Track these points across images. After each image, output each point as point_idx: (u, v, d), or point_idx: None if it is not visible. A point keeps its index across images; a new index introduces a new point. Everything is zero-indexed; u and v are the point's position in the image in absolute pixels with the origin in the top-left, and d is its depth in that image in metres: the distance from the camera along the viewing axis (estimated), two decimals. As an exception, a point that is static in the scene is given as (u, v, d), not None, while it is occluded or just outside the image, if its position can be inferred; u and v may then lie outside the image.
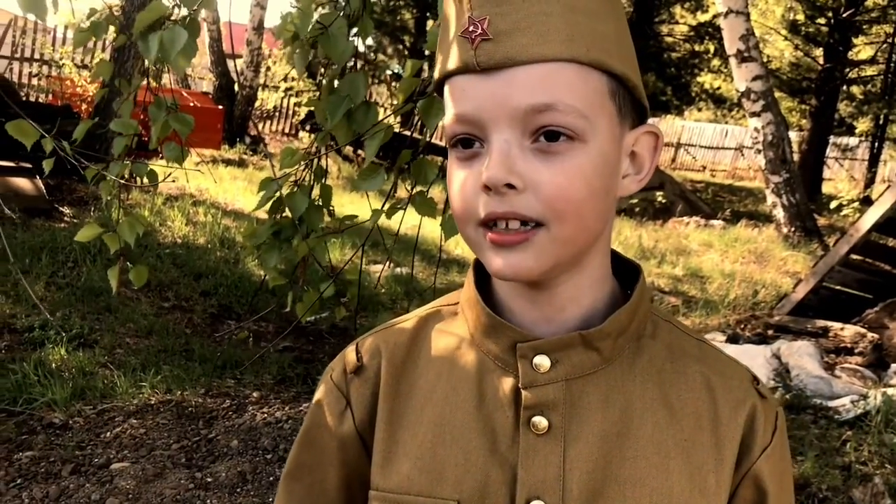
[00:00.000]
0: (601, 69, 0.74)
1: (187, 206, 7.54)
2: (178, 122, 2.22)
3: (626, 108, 0.78)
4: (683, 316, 6.16)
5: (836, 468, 3.75)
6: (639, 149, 0.81)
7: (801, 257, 9.11)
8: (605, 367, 0.80)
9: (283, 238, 2.36)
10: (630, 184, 0.81)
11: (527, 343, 0.80)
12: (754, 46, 9.92)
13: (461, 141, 0.76)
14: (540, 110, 0.71)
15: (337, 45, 1.96)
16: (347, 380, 0.88)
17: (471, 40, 0.73)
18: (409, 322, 0.91)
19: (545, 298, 0.81)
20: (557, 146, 0.72)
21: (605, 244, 0.83)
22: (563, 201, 0.73)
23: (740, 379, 0.84)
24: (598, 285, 0.83)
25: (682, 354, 0.84)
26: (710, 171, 22.65)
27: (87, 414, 3.51)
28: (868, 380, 4.81)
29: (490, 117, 0.73)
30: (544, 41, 0.71)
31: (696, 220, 11.35)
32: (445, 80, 0.78)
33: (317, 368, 4.25)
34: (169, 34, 1.85)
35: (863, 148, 21.01)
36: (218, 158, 12.14)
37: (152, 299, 5.15)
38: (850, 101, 18.69)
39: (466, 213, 0.76)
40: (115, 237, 2.37)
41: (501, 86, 0.72)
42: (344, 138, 2.08)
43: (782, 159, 10.03)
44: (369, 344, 0.89)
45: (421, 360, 0.87)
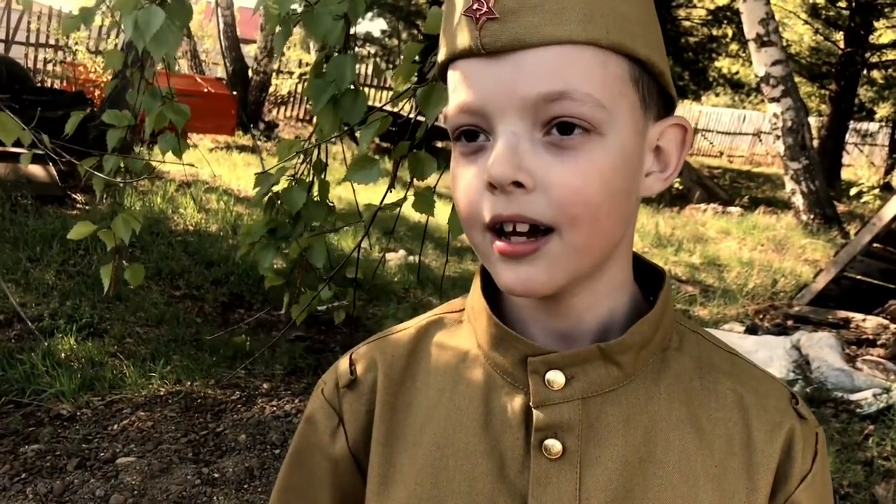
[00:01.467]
0: (622, 53, 0.65)
1: (200, 193, 7.49)
2: (174, 112, 2.12)
3: (650, 98, 0.69)
4: (701, 305, 6.06)
5: (858, 464, 3.67)
6: (664, 143, 0.72)
7: (821, 245, 8.97)
8: (627, 383, 0.72)
9: (279, 236, 2.26)
10: (654, 183, 0.72)
11: (539, 357, 0.71)
12: (774, 31, 9.75)
13: (465, 133, 0.67)
14: (552, 99, 0.63)
15: (321, 25, 1.84)
16: (340, 395, 0.80)
17: (475, 20, 0.64)
18: (408, 331, 0.82)
19: (560, 308, 0.72)
20: (572, 140, 0.64)
21: (627, 248, 0.74)
22: (578, 205, 0.64)
23: (777, 398, 0.75)
24: (617, 293, 0.74)
25: (712, 369, 0.75)
26: (728, 156, 22.43)
27: (96, 405, 3.47)
28: (891, 372, 4.71)
29: (496, 107, 0.64)
30: (558, 21, 0.62)
31: (713, 207, 11.21)
32: (448, 64, 0.69)
33: (328, 359, 4.19)
34: (144, 15, 1.72)
35: (883, 133, 20.74)
36: (232, 144, 12.10)
37: (163, 288, 5.10)
38: (871, 85, 18.40)
39: (471, 215, 0.68)
40: (110, 234, 2.28)
41: (509, 71, 0.63)
42: (330, 127, 1.98)
43: (802, 145, 9.87)
44: (364, 355, 0.81)
45: (421, 373, 0.78)
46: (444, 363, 0.78)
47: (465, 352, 0.77)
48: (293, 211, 2.21)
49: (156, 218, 6.42)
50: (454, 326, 0.80)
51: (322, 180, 2.32)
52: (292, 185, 2.23)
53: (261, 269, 2.35)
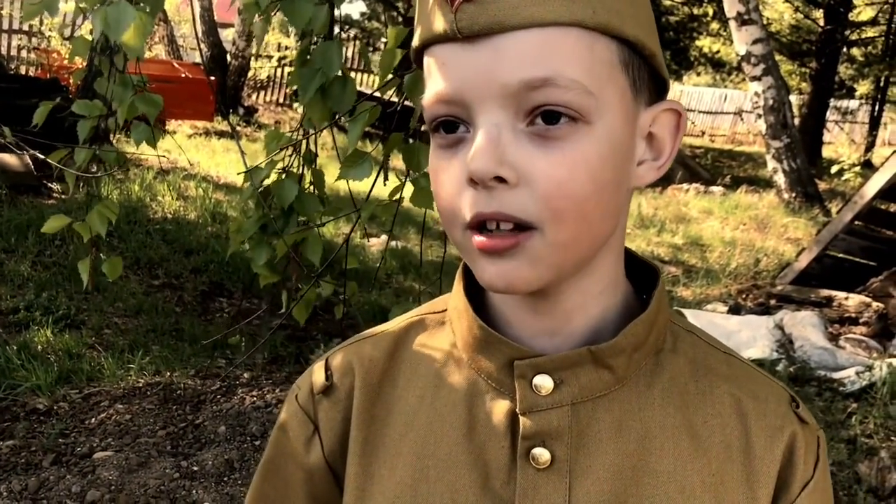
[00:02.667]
0: (610, 34, 0.60)
1: (178, 181, 7.40)
2: (145, 103, 2.05)
3: (641, 82, 0.64)
4: (684, 286, 6.06)
5: (842, 442, 3.68)
6: (657, 129, 0.67)
7: (803, 223, 9.00)
8: (619, 387, 0.68)
9: (270, 232, 2.19)
10: (647, 172, 0.67)
11: (526, 360, 0.67)
12: (754, 9, 9.72)
13: (443, 124, 0.62)
14: (535, 86, 0.58)
15: (301, 12, 1.78)
16: (315, 401, 0.75)
17: (450, 2, 0.59)
18: (386, 333, 0.77)
19: (547, 307, 0.68)
20: (557, 130, 0.59)
21: (618, 243, 0.70)
22: (563, 198, 0.59)
23: (777, 401, 0.70)
24: (609, 291, 0.70)
25: (708, 372, 0.71)
26: (710, 136, 22.46)
27: (73, 399, 3.42)
28: (873, 350, 4.73)
29: (476, 96, 0.59)
30: (540, 0, 0.57)
31: (695, 187, 11.21)
32: (423, 50, 0.64)
33: (309, 347, 4.15)
34: (113, 10, 1.65)
35: (863, 111, 20.82)
36: (211, 130, 11.98)
37: (141, 277, 5.04)
38: (851, 63, 18.44)
39: (452, 212, 0.63)
40: (86, 226, 2.20)
41: (488, 57, 0.59)
42: (319, 117, 1.91)
43: (783, 124, 9.88)
44: (340, 359, 0.76)
45: (401, 379, 0.74)
46: (425, 367, 0.73)
47: (447, 355, 0.73)
48: (285, 205, 2.13)
49: (133, 206, 6.33)
50: (436, 328, 0.76)
51: (315, 170, 2.25)
52: (282, 177, 2.15)
53: (254, 266, 2.28)
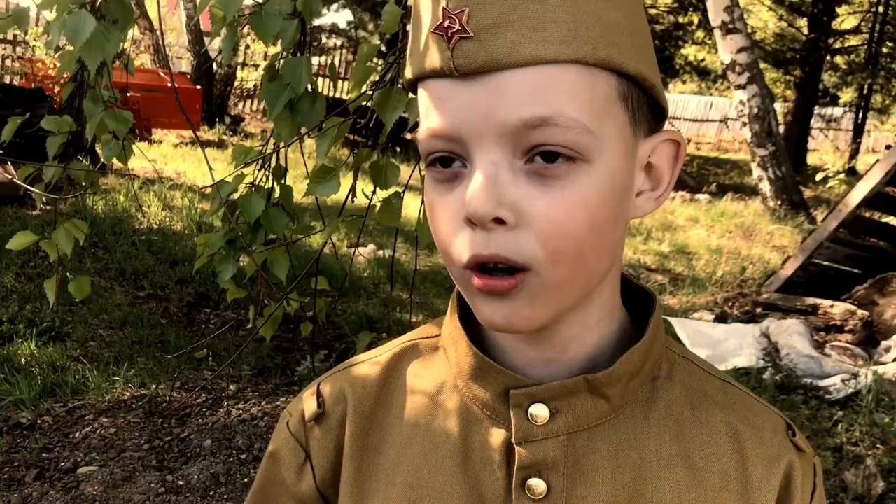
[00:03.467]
0: (611, 69, 0.59)
1: (164, 191, 7.37)
2: (115, 119, 2.02)
3: (640, 113, 0.63)
4: (670, 294, 6.07)
5: (828, 450, 3.69)
6: (656, 159, 0.66)
7: (789, 231, 9.05)
8: (614, 416, 0.67)
9: (238, 247, 2.17)
10: (646, 203, 0.66)
11: (522, 389, 0.66)
12: (739, 18, 9.79)
13: (439, 159, 0.61)
14: (534, 125, 0.57)
15: (269, 26, 1.76)
16: (307, 429, 0.74)
17: (447, 38, 0.57)
18: (380, 359, 0.76)
19: (544, 337, 0.67)
20: (556, 169, 0.58)
21: (615, 274, 0.69)
22: (561, 240, 0.58)
23: (773, 430, 0.70)
24: (606, 320, 0.69)
25: (705, 399, 0.70)
26: (696, 143, 22.56)
27: (57, 412, 3.39)
28: (858, 358, 4.74)
29: (473, 133, 0.58)
30: (539, 38, 0.56)
31: (681, 195, 11.25)
32: (418, 81, 0.63)
33: (296, 358, 4.13)
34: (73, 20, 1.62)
35: (847, 118, 20.96)
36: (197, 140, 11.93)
37: (126, 288, 5.01)
38: (835, 71, 18.59)
39: (450, 251, 0.62)
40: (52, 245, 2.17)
41: (486, 95, 0.57)
42: (288, 132, 1.90)
43: (768, 132, 9.94)
44: (332, 386, 0.75)
45: (394, 406, 0.73)
46: (419, 395, 0.72)
47: (441, 382, 0.72)
48: (251, 220, 2.11)
49: (119, 217, 6.30)
50: (430, 354, 0.75)
51: (284, 186, 2.23)
52: (251, 192, 2.13)
53: (221, 281, 2.26)
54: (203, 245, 2.31)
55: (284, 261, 2.19)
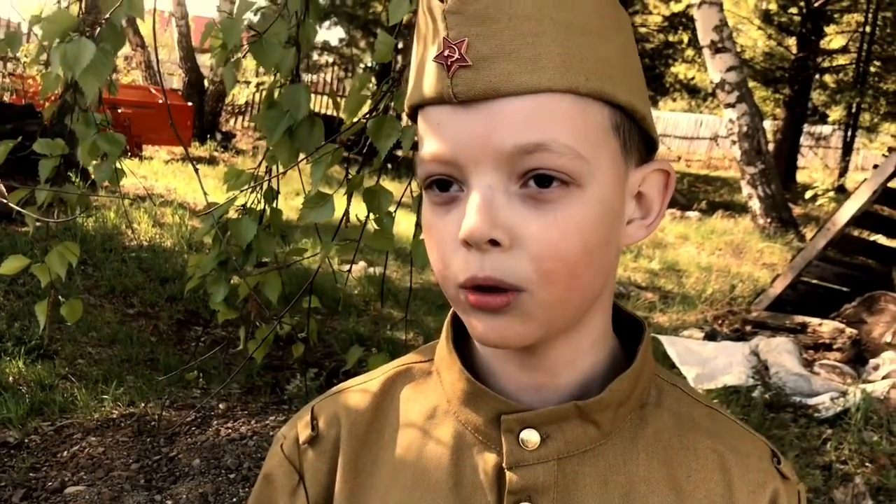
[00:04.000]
0: (603, 100, 0.62)
1: (154, 208, 7.36)
2: (108, 141, 2.03)
3: (631, 143, 0.65)
4: (660, 312, 6.09)
5: (817, 468, 3.69)
6: (646, 189, 0.68)
7: (778, 248, 9.09)
8: (604, 442, 0.68)
9: (229, 269, 2.18)
10: (636, 231, 0.69)
11: (513, 415, 0.67)
12: (728, 37, 9.87)
13: (437, 182, 0.64)
14: (529, 151, 0.59)
15: (270, 55, 1.79)
16: (300, 451, 0.75)
17: (446, 67, 0.60)
18: (373, 382, 0.78)
19: (536, 362, 0.69)
20: (550, 193, 0.60)
21: (607, 299, 0.71)
22: (555, 261, 0.61)
23: (759, 457, 0.72)
24: (597, 346, 0.71)
25: (692, 426, 0.72)
26: (686, 161, 22.67)
27: (45, 431, 3.37)
28: (847, 376, 4.76)
29: (470, 158, 0.61)
30: (534, 68, 0.59)
31: (671, 212, 11.29)
32: (418, 107, 0.65)
33: (285, 376, 4.12)
34: (73, 48, 1.65)
35: (836, 136, 21.10)
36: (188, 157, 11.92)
37: (116, 306, 4.99)
38: (823, 89, 18.73)
39: (446, 272, 0.64)
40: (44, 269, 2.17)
41: (483, 121, 0.60)
42: (286, 158, 1.92)
43: (757, 150, 10.01)
44: (326, 409, 0.77)
45: (387, 430, 0.74)
46: (411, 419, 0.74)
47: (433, 407, 0.73)
48: (242, 244, 2.12)
49: (109, 234, 6.29)
50: (423, 378, 0.76)
51: (274, 209, 2.24)
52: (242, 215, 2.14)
53: (212, 304, 2.27)
54: (194, 267, 2.31)
55: (276, 282, 2.20)
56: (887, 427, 3.96)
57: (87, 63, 1.66)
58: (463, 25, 0.60)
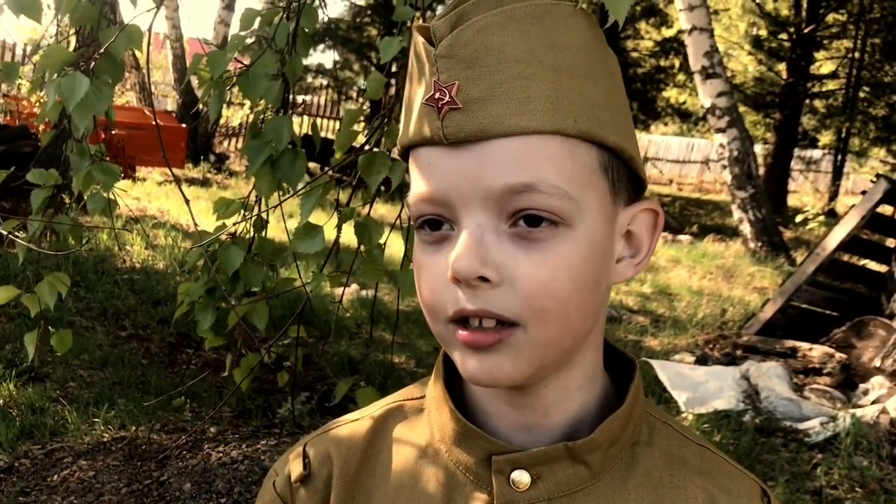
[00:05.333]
0: (591, 141, 0.63)
1: (147, 229, 7.36)
2: (102, 172, 2.05)
3: (620, 184, 0.67)
4: (652, 336, 6.10)
5: (808, 493, 3.70)
6: (635, 228, 0.70)
7: (769, 272, 9.13)
8: (595, 482, 0.69)
9: (217, 296, 2.19)
10: (625, 269, 0.70)
11: (504, 456, 0.68)
12: (718, 63, 9.97)
13: (428, 222, 0.65)
14: (518, 191, 0.61)
15: (256, 88, 1.81)
16: (293, 489, 0.76)
17: (437, 109, 0.61)
18: (365, 420, 0.78)
19: (526, 401, 0.69)
20: (539, 232, 0.61)
21: (598, 338, 0.72)
22: (545, 299, 0.62)
23: (748, 496, 0.72)
24: (588, 385, 0.71)
25: (683, 465, 0.72)
26: (677, 184, 22.78)
27: (35, 455, 3.36)
28: (837, 400, 4.78)
29: (460, 198, 0.62)
30: (524, 110, 0.60)
31: (663, 235, 11.33)
32: (410, 149, 0.67)
33: (277, 400, 4.12)
34: (68, 82, 1.67)
35: (826, 160, 21.25)
36: (182, 178, 11.94)
37: (108, 328, 4.98)
38: (813, 114, 18.88)
39: (435, 308, 0.65)
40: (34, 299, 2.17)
41: (473, 162, 0.61)
42: (268, 188, 1.94)
43: (748, 175, 10.07)
44: (318, 447, 0.77)
45: (379, 468, 0.74)
46: (403, 458, 0.74)
47: (425, 446, 0.74)
48: (229, 272, 2.13)
49: (101, 255, 6.28)
50: (414, 416, 0.77)
51: (263, 238, 2.25)
52: (230, 244, 2.15)
53: (199, 331, 2.28)
54: (183, 294, 2.32)
55: (264, 311, 2.21)
56: (877, 452, 3.97)
57: (80, 97, 1.67)
58: (453, 69, 0.61)
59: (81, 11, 1.99)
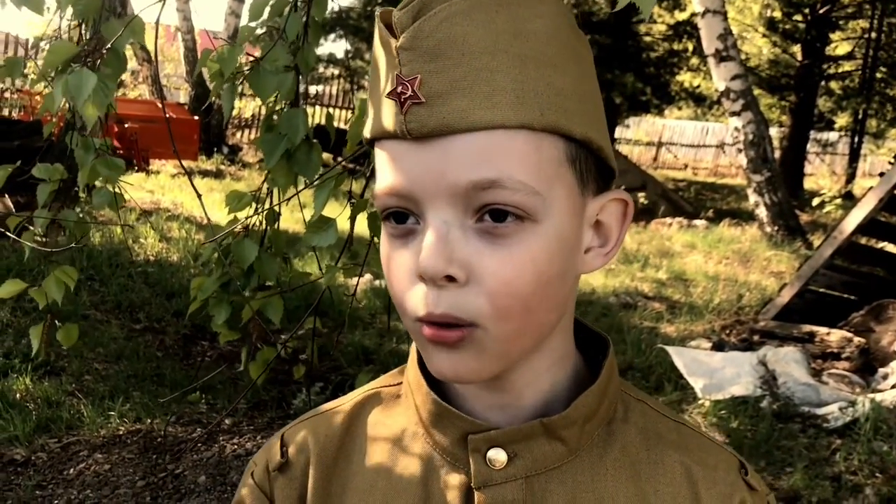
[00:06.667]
0: (558, 133, 0.61)
1: (161, 222, 7.38)
2: (107, 166, 2.03)
3: (588, 175, 0.65)
4: (668, 322, 6.07)
5: (827, 479, 3.67)
6: (604, 217, 0.69)
7: (785, 257, 9.05)
8: (571, 459, 0.69)
9: (232, 290, 2.18)
10: (594, 259, 0.69)
11: (480, 434, 0.68)
12: (732, 45, 9.87)
13: (393, 215, 0.64)
14: (483, 187, 0.59)
15: (266, 83, 1.79)
16: (271, 478, 0.76)
17: (400, 103, 0.60)
18: (343, 408, 0.79)
19: (499, 384, 0.69)
20: (505, 228, 0.60)
21: (567, 322, 0.72)
22: (509, 297, 0.61)
23: (726, 469, 0.73)
24: (558, 365, 0.71)
25: (659, 440, 0.73)
26: (692, 169, 22.65)
27: (52, 448, 3.37)
28: (856, 385, 4.73)
29: (425, 193, 0.61)
30: (488, 104, 0.59)
31: (678, 221, 11.27)
32: (375, 141, 0.65)
33: (291, 391, 4.12)
34: (75, 78, 1.65)
35: (843, 142, 21.07)
36: (195, 170, 11.97)
37: (123, 321, 5.00)
38: (829, 96, 18.71)
39: (403, 304, 0.64)
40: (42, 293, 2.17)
41: (437, 158, 0.60)
42: (284, 182, 1.92)
43: (763, 158, 9.98)
44: (296, 435, 0.77)
45: (356, 454, 0.75)
46: (380, 443, 0.74)
47: (402, 430, 0.74)
48: (244, 266, 2.12)
49: (115, 249, 6.31)
50: (392, 401, 0.77)
51: (276, 231, 2.23)
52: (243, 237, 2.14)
53: (214, 326, 2.27)
54: (196, 289, 2.31)
55: (279, 304, 2.20)
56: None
57: (88, 93, 1.66)
58: (416, 62, 0.59)
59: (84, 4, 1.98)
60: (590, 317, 5.97)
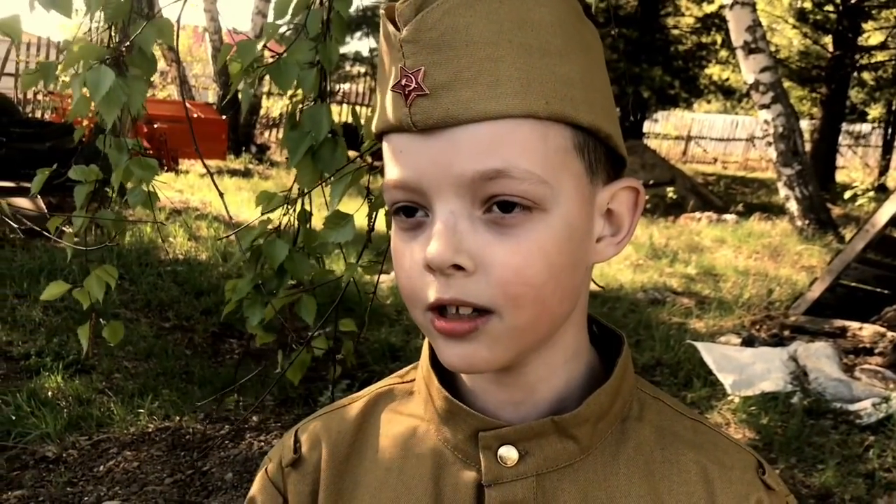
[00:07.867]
0: (565, 122, 0.61)
1: (190, 221, 7.45)
2: (140, 166, 2.05)
3: (597, 163, 0.65)
4: (697, 318, 6.01)
5: (860, 476, 3.61)
6: (616, 206, 0.68)
7: (817, 251, 8.93)
8: (584, 457, 0.68)
9: (266, 291, 2.19)
10: (606, 248, 0.68)
11: (491, 431, 0.67)
12: (761, 37, 9.75)
13: (402, 209, 0.64)
14: (490, 177, 0.59)
15: (287, 77, 1.79)
16: (284, 474, 0.76)
17: (404, 96, 0.60)
18: (356, 404, 0.79)
19: (511, 380, 0.69)
20: (513, 218, 0.60)
21: (580, 316, 0.71)
22: (520, 286, 0.60)
23: (743, 469, 0.71)
24: (572, 362, 0.71)
25: (675, 439, 0.71)
26: (722, 163, 22.44)
27: (82, 446, 3.41)
28: (889, 381, 4.66)
29: (433, 185, 0.61)
30: (493, 94, 0.58)
31: (708, 216, 11.17)
32: (382, 135, 0.66)
33: (318, 388, 4.14)
34: (93, 75, 1.67)
35: (876, 134, 20.76)
36: (223, 169, 12.07)
37: (152, 320, 5.05)
38: (862, 87, 18.44)
39: (412, 296, 0.64)
40: (84, 293, 2.20)
41: (443, 149, 0.60)
42: (309, 179, 1.92)
43: (794, 151, 9.86)
44: (309, 432, 0.78)
45: (368, 450, 0.75)
46: (392, 439, 0.74)
47: (414, 426, 0.74)
48: (275, 265, 2.12)
49: (145, 248, 6.37)
50: (404, 398, 0.77)
51: (307, 230, 2.23)
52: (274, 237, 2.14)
53: (249, 327, 2.28)
54: (230, 291, 2.33)
55: (311, 304, 2.20)
56: (931, 433, 3.86)
57: (105, 90, 1.67)
58: (419, 54, 0.59)
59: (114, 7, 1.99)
60: (618, 312, 5.94)
